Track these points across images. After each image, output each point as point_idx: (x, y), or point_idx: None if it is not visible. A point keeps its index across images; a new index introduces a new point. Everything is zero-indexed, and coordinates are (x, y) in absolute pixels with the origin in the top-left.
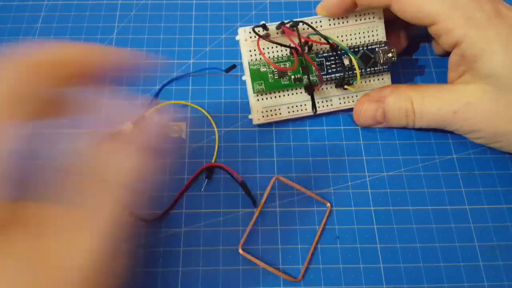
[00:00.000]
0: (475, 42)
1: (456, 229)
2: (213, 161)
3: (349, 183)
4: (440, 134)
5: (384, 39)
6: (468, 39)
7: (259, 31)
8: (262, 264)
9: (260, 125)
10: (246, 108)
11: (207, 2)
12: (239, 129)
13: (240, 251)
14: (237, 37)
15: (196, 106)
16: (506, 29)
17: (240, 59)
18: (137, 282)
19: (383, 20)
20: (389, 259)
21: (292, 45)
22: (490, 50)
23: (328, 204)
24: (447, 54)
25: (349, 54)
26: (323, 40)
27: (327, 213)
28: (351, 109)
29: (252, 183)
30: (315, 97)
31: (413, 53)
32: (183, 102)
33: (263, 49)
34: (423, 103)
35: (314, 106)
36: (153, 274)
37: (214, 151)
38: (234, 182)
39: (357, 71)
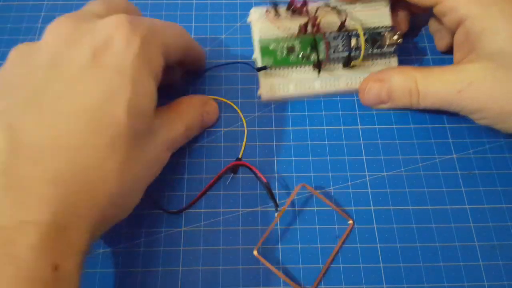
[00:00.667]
0: (478, 19)
1: (456, 229)
2: (240, 156)
3: (349, 183)
4: (440, 133)
5: (390, 24)
6: (472, 16)
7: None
8: (274, 270)
9: (260, 126)
10: (247, 109)
11: (207, 2)
12: (239, 129)
13: (255, 253)
14: (248, 18)
15: (229, 102)
16: (510, 5)
17: (240, 58)
18: (137, 282)
19: (389, 7)
20: (389, 259)
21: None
22: (494, 27)
23: (351, 221)
24: (449, 50)
25: (358, 29)
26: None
27: (348, 230)
28: (351, 109)
29: (252, 182)
30: (322, 77)
31: (413, 52)
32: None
33: (273, 28)
34: (427, 83)
35: (319, 70)
36: (153, 274)
37: (239, 148)
38: (235, 182)
39: (362, 44)
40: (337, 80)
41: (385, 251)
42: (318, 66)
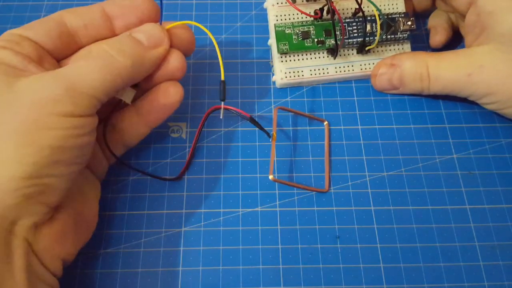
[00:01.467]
0: None
1: (456, 229)
2: (222, 77)
3: (349, 183)
4: (440, 133)
5: (404, 11)
6: None
7: None
8: (293, 185)
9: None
10: (246, 109)
11: (207, 2)
12: (239, 128)
13: (271, 177)
14: (264, 4)
15: (199, 25)
16: None
17: (240, 59)
18: (137, 282)
19: None
20: (389, 259)
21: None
22: (506, 7)
23: (326, 122)
24: (441, 47)
25: (375, 13)
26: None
27: (326, 131)
28: (351, 109)
29: (252, 183)
30: (337, 63)
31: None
32: (188, 22)
33: (288, 15)
34: (438, 68)
35: (336, 53)
36: (153, 274)
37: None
38: (234, 182)
39: (378, 27)
40: (352, 65)
41: (385, 251)
42: (336, 49)
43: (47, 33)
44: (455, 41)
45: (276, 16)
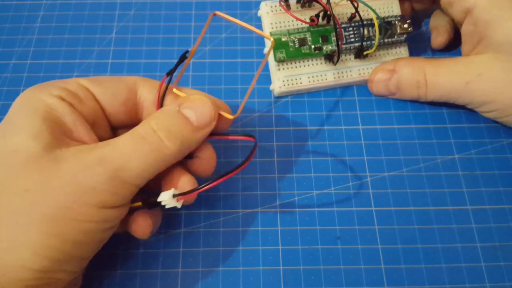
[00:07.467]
0: (487, 8)
1: (458, 229)
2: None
3: (350, 183)
4: (441, 134)
5: (400, 14)
6: (480, 5)
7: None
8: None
9: (260, 127)
10: (246, 109)
11: (207, 1)
12: (239, 128)
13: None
14: (259, 12)
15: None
16: None
17: (240, 58)
18: (137, 283)
19: None
20: (390, 260)
21: (312, 18)
22: (503, 16)
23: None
24: (443, 48)
25: (373, 17)
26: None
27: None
28: (352, 109)
29: (252, 183)
30: (335, 68)
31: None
32: None
33: (283, 22)
34: (435, 75)
35: (338, 58)
36: (153, 275)
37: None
38: (234, 182)
39: (377, 31)
40: (350, 70)
41: (386, 252)
42: (338, 54)
43: (115, 96)
44: (457, 41)
45: (271, 24)
